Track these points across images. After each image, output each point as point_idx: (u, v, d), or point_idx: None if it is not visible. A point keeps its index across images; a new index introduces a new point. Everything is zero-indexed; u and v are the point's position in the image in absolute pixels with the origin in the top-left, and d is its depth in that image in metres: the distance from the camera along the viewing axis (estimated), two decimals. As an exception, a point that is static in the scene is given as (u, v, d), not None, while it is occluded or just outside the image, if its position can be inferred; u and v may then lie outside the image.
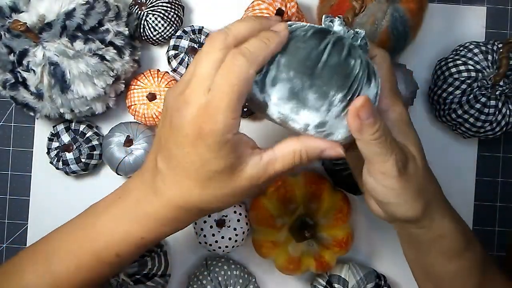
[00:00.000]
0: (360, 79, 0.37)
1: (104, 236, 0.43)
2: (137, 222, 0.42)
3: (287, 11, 0.57)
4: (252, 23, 0.38)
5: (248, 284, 0.60)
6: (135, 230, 0.42)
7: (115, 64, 0.56)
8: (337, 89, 0.36)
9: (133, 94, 0.59)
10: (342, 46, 0.37)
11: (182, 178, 0.39)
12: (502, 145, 0.64)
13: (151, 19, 0.59)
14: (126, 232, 0.43)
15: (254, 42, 0.37)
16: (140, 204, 0.42)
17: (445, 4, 0.64)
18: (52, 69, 0.53)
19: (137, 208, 0.43)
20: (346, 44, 0.37)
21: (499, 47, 0.57)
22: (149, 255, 0.58)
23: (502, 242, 0.63)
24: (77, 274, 0.44)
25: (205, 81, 0.37)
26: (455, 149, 0.63)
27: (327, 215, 0.57)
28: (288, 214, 0.56)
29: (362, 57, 0.37)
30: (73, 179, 0.63)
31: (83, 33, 0.53)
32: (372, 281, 0.59)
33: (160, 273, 0.59)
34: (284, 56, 0.37)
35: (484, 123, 0.56)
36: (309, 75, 0.36)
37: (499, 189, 0.63)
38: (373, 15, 0.52)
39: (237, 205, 0.59)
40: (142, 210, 0.42)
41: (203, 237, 0.58)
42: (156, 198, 0.41)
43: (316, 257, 0.57)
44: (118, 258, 0.43)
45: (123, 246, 0.43)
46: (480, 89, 0.56)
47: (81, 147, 0.59)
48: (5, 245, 0.63)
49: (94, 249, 0.43)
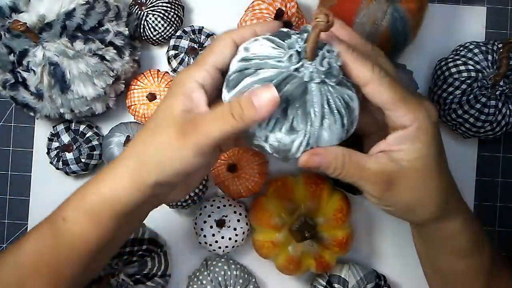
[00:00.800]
0: (327, 125, 0.38)
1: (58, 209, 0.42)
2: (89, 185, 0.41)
3: (287, 11, 0.57)
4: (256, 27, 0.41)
5: (248, 284, 0.60)
6: (82, 191, 0.41)
7: (115, 64, 0.56)
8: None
9: (133, 94, 0.59)
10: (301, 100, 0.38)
11: (153, 132, 0.40)
12: (502, 145, 0.64)
13: (151, 19, 0.59)
14: (77, 193, 0.42)
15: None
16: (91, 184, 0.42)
17: (445, 4, 0.64)
18: (52, 69, 0.53)
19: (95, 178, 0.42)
20: (311, 96, 0.38)
21: (499, 47, 0.57)
22: (149, 255, 0.58)
23: (502, 242, 0.63)
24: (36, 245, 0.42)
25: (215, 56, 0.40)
26: (455, 149, 0.63)
27: (327, 215, 0.57)
28: (288, 214, 0.56)
29: (333, 102, 0.38)
30: (73, 179, 0.63)
31: (83, 33, 0.53)
32: (372, 281, 0.59)
33: (160, 273, 0.59)
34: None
35: (484, 123, 0.56)
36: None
37: (499, 189, 0.63)
38: (373, 15, 0.52)
39: (237, 205, 0.59)
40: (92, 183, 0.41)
41: (203, 237, 0.58)
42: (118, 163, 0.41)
43: (316, 257, 0.57)
44: (65, 221, 0.41)
45: (70, 208, 0.41)
46: (480, 89, 0.56)
47: (81, 147, 0.59)
48: (5, 245, 0.63)
49: (55, 211, 0.42)
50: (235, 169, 0.58)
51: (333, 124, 0.38)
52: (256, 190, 0.59)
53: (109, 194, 0.40)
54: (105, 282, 0.55)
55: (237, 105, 0.37)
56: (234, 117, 0.37)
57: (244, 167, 0.58)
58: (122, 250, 0.57)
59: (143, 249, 0.58)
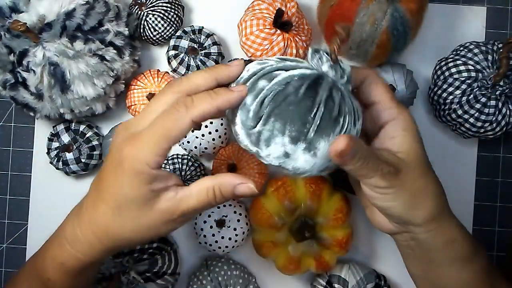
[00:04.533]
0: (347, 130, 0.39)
1: (42, 259, 0.46)
2: (58, 246, 0.45)
3: (287, 11, 0.57)
4: (211, 74, 0.41)
5: (248, 284, 0.60)
6: (59, 254, 0.44)
7: (115, 64, 0.56)
8: (325, 142, 0.39)
9: (133, 94, 0.59)
10: (332, 105, 0.39)
11: (99, 200, 0.41)
12: (502, 145, 0.64)
13: (151, 19, 0.59)
14: (52, 257, 0.45)
15: (201, 95, 0.40)
16: (63, 227, 0.45)
17: (445, 4, 0.64)
18: (52, 69, 0.53)
19: (60, 231, 0.45)
20: (336, 100, 0.39)
21: (499, 47, 0.57)
22: (159, 253, 0.58)
23: (502, 242, 0.63)
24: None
25: (149, 115, 0.40)
26: (455, 149, 0.63)
27: (327, 215, 0.57)
28: (288, 214, 0.56)
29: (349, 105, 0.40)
30: (73, 179, 0.63)
31: (83, 33, 0.53)
32: (372, 281, 0.59)
33: (170, 271, 0.59)
34: (278, 120, 0.38)
35: (484, 123, 0.56)
36: (302, 140, 0.38)
37: (499, 189, 0.63)
38: (373, 15, 0.52)
39: (237, 205, 0.59)
40: (63, 234, 0.45)
41: (203, 237, 0.58)
42: (76, 219, 0.44)
43: (316, 257, 0.57)
44: (50, 282, 0.45)
45: (51, 271, 0.45)
46: (480, 89, 0.56)
47: (81, 147, 0.59)
48: (5, 245, 0.63)
49: (38, 270, 0.46)
50: (235, 169, 0.58)
51: (357, 121, 0.41)
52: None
53: (87, 259, 0.44)
54: (116, 279, 0.56)
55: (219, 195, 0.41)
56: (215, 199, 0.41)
57: (244, 167, 0.58)
58: (133, 248, 0.57)
59: (154, 247, 0.58)
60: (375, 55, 0.55)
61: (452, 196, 0.45)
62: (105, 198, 0.41)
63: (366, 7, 0.52)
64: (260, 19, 0.56)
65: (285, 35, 0.57)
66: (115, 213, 0.40)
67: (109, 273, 0.56)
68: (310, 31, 0.59)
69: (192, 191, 0.40)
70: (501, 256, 0.63)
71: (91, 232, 0.42)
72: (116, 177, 0.40)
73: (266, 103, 0.38)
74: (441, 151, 0.63)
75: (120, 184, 0.39)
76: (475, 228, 0.63)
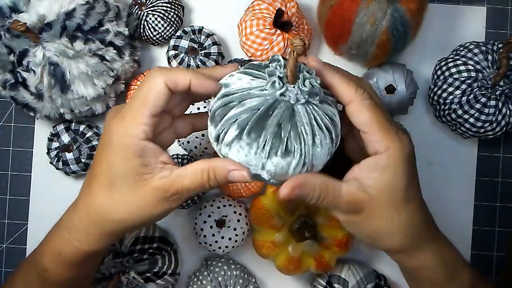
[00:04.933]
0: (305, 152, 0.39)
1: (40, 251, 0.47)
2: (56, 235, 0.45)
3: (287, 11, 0.57)
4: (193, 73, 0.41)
5: (248, 284, 0.60)
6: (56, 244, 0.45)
7: (115, 64, 0.56)
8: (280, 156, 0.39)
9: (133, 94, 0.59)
10: (282, 137, 0.38)
11: (93, 183, 0.42)
12: (502, 145, 0.64)
13: (151, 19, 0.59)
14: (49, 248, 0.45)
15: (176, 68, 0.41)
16: (61, 219, 0.46)
17: (445, 4, 0.64)
18: (52, 69, 0.53)
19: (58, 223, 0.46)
20: (286, 130, 0.38)
21: (499, 47, 0.57)
22: (159, 253, 0.58)
23: (502, 242, 0.63)
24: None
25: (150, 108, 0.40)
26: (455, 149, 0.63)
27: (327, 215, 0.57)
28: (288, 214, 0.56)
29: (313, 125, 0.39)
30: (73, 179, 0.63)
31: (83, 33, 0.53)
32: (372, 281, 0.59)
33: (170, 272, 0.59)
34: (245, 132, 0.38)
35: (484, 123, 0.56)
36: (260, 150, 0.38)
37: (499, 189, 0.63)
38: (373, 15, 0.52)
39: (237, 205, 0.59)
40: (60, 224, 0.45)
41: (203, 237, 0.58)
42: (72, 207, 0.44)
43: (316, 257, 0.57)
44: (47, 273, 0.46)
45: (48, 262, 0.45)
46: (480, 89, 0.56)
47: (81, 147, 0.59)
48: (5, 245, 0.63)
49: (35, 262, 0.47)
50: (235, 169, 0.58)
51: (323, 139, 0.39)
52: (256, 190, 0.59)
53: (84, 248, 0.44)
54: (116, 280, 0.56)
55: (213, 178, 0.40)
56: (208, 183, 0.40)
57: (244, 167, 0.58)
58: (133, 248, 0.57)
59: (154, 247, 0.58)
60: (375, 55, 0.55)
61: (452, 196, 0.45)
62: (98, 178, 0.41)
63: (366, 7, 0.52)
64: (260, 19, 0.56)
65: (285, 35, 0.57)
66: (109, 191, 0.40)
67: (109, 273, 0.56)
68: (310, 31, 0.59)
69: (188, 171, 0.40)
70: (501, 256, 0.63)
71: (86, 215, 0.42)
72: (107, 155, 0.40)
73: (221, 137, 0.40)
74: (441, 151, 0.63)
75: (111, 161, 0.40)
76: (475, 229, 0.63)
